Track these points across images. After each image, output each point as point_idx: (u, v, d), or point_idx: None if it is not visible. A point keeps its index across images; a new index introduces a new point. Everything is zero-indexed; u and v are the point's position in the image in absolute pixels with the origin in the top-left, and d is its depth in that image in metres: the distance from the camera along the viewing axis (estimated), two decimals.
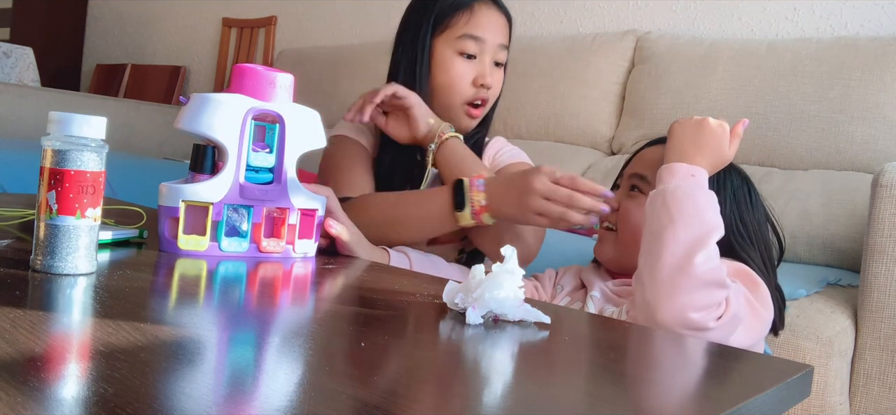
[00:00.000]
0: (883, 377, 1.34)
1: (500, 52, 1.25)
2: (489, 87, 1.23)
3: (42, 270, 0.68)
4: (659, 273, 0.96)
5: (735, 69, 2.06)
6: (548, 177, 1.03)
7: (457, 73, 1.22)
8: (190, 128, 0.84)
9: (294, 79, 0.91)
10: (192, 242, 0.85)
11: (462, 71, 1.22)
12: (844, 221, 1.67)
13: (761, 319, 1.05)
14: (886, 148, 1.80)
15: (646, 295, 0.97)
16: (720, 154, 1.08)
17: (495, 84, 1.25)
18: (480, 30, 1.21)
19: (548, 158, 2.24)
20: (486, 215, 1.06)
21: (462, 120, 1.24)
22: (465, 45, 1.21)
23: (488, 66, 1.23)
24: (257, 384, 0.46)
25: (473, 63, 1.22)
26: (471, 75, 1.22)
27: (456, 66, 1.22)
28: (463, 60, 1.22)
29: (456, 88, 1.22)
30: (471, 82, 1.22)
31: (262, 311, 0.68)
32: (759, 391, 0.54)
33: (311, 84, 2.88)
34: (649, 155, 1.29)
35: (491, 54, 1.23)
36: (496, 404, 0.49)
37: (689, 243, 0.96)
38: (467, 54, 1.22)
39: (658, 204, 1.02)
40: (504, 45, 1.25)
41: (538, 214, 1.02)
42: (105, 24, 4.57)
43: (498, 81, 1.26)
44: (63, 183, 0.68)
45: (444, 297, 0.70)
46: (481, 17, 1.22)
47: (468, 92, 1.22)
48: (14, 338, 0.48)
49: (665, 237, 0.97)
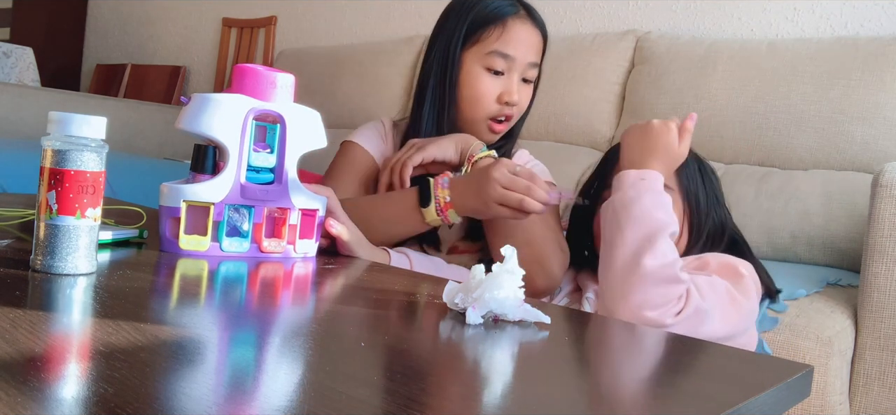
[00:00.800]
0: (883, 377, 1.34)
1: (530, 70, 1.24)
2: (514, 105, 1.22)
3: (42, 270, 0.68)
4: (612, 277, 0.99)
5: (735, 69, 2.06)
6: (507, 168, 1.04)
7: (482, 89, 1.21)
8: (191, 128, 0.84)
9: (295, 79, 0.91)
10: (193, 243, 0.85)
11: (488, 87, 1.21)
12: (844, 221, 1.67)
13: (741, 310, 1.06)
14: (886, 148, 1.80)
15: (605, 300, 1.00)
16: (671, 153, 1.10)
17: (522, 101, 1.24)
18: (510, 47, 1.20)
19: (548, 157, 2.24)
20: (452, 212, 1.08)
21: (484, 134, 1.23)
22: (494, 62, 1.20)
23: (516, 84, 1.22)
24: (257, 384, 0.46)
25: (501, 79, 1.21)
26: (496, 92, 1.21)
27: (482, 82, 1.21)
28: (490, 76, 1.21)
29: (480, 104, 1.21)
30: (496, 99, 1.21)
31: (262, 311, 0.68)
32: (759, 391, 0.54)
33: (311, 84, 2.87)
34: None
35: (519, 72, 1.22)
36: (496, 404, 0.49)
37: (637, 244, 0.98)
38: (495, 71, 1.21)
39: (610, 214, 1.05)
40: (534, 64, 1.24)
41: (498, 202, 1.03)
42: (105, 24, 4.57)
43: (525, 98, 1.25)
44: (63, 183, 0.68)
45: (444, 297, 0.70)
46: (512, 34, 1.21)
47: (492, 108, 1.22)
48: (14, 338, 0.48)
49: (616, 242, 1.00)
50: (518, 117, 1.27)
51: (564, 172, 2.23)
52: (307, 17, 3.49)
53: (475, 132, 1.22)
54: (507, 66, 1.21)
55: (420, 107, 1.24)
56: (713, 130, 2.06)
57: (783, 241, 1.72)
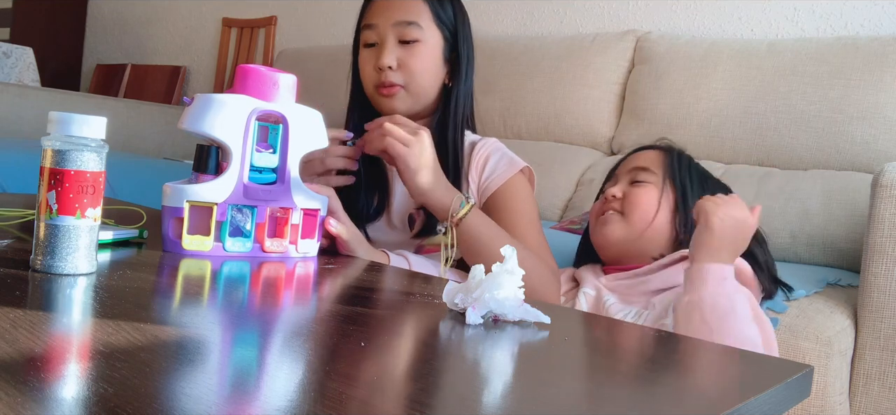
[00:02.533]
0: (883, 377, 1.34)
1: (404, 30, 1.20)
2: (386, 68, 1.19)
3: (42, 270, 0.68)
4: None
5: (735, 69, 2.06)
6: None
7: (361, 64, 1.25)
8: (194, 128, 0.84)
9: (297, 79, 0.91)
10: (196, 243, 0.85)
11: (364, 61, 1.24)
12: (844, 221, 1.67)
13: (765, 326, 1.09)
14: (886, 148, 1.80)
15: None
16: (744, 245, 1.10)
17: (405, 64, 1.20)
18: (372, 16, 1.22)
19: (548, 157, 2.24)
20: None
21: (383, 104, 1.22)
22: (364, 36, 1.23)
23: (387, 48, 1.20)
24: (258, 384, 0.46)
25: (375, 50, 1.22)
26: (372, 62, 1.22)
27: (361, 57, 1.24)
28: (366, 50, 1.23)
29: (364, 78, 1.24)
30: (373, 68, 1.22)
31: (262, 311, 0.68)
32: (759, 391, 0.54)
33: (311, 84, 2.87)
34: (648, 153, 1.39)
35: (391, 36, 1.20)
36: (496, 404, 0.49)
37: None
38: (368, 44, 1.23)
39: (696, 318, 1.01)
40: (404, 22, 1.20)
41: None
42: (105, 24, 4.57)
43: (410, 60, 1.20)
44: (63, 183, 0.68)
45: (444, 297, 0.70)
46: (373, 4, 1.24)
47: (373, 77, 1.22)
48: (14, 338, 0.48)
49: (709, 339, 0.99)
50: (411, 81, 1.21)
51: (564, 172, 2.24)
52: (307, 17, 3.49)
53: (376, 106, 1.24)
54: (376, 35, 1.22)
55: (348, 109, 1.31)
56: (713, 130, 2.06)
57: (783, 241, 1.72)
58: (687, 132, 2.12)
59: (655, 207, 1.31)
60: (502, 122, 2.44)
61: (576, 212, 2.09)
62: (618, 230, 1.31)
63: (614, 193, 1.34)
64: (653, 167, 1.34)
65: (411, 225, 1.22)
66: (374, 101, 1.24)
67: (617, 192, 1.34)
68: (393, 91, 1.21)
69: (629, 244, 1.31)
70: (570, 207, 2.17)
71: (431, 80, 1.23)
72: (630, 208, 1.31)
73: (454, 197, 1.09)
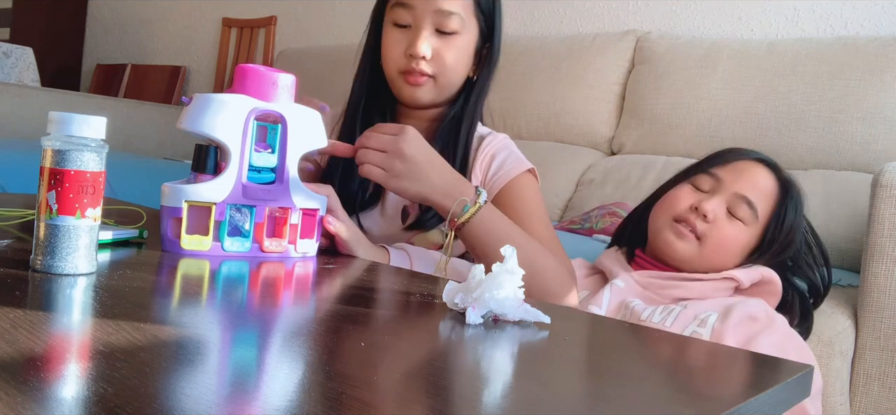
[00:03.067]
0: (883, 377, 1.34)
1: (444, 19, 1.13)
2: (420, 57, 1.12)
3: (42, 270, 0.68)
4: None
5: (735, 69, 2.06)
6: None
7: (388, 43, 1.16)
8: (192, 128, 0.84)
9: (296, 79, 0.91)
10: (194, 242, 0.85)
11: (393, 41, 1.15)
12: (844, 221, 1.67)
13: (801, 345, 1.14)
14: (886, 148, 1.80)
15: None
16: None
17: (442, 55, 1.14)
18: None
19: (548, 157, 2.24)
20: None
21: (404, 90, 1.16)
22: (397, 15, 1.14)
23: (423, 35, 1.12)
24: (258, 384, 0.46)
25: (407, 32, 1.14)
26: (403, 45, 1.14)
27: (389, 36, 1.16)
28: (397, 30, 1.15)
29: (389, 58, 1.16)
30: (403, 52, 1.14)
31: (262, 311, 0.68)
32: (759, 391, 0.54)
33: (311, 84, 2.88)
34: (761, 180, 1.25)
35: (428, 22, 1.12)
36: (496, 404, 0.49)
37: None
38: (400, 24, 1.14)
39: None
40: (445, 11, 1.12)
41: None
42: (105, 24, 4.57)
43: (445, 52, 1.14)
44: (63, 183, 0.68)
45: (444, 297, 0.70)
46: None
47: (400, 62, 1.14)
48: (14, 338, 0.48)
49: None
50: (446, 74, 1.15)
51: (564, 171, 2.24)
52: (307, 17, 3.49)
53: (395, 91, 1.18)
54: (411, 17, 1.13)
55: (355, 79, 1.22)
56: (713, 130, 2.06)
57: None
58: (687, 132, 2.12)
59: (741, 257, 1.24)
60: (502, 122, 2.44)
61: (576, 212, 2.09)
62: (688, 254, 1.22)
63: (707, 211, 1.21)
64: (760, 203, 1.23)
65: (404, 218, 1.19)
66: (394, 85, 1.18)
67: (709, 211, 1.21)
68: (420, 80, 1.14)
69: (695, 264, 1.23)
70: (569, 207, 2.17)
71: (461, 73, 1.18)
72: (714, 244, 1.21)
73: (457, 198, 1.00)
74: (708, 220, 1.20)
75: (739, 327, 1.11)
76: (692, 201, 1.23)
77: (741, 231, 1.22)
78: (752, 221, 1.22)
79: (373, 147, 0.97)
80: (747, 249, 1.24)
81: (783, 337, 1.12)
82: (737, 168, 1.25)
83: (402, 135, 0.97)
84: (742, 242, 1.23)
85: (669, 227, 1.24)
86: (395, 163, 0.97)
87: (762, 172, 1.26)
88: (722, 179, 1.24)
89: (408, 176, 0.97)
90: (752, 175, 1.25)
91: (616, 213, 1.87)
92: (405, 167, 0.97)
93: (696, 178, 1.27)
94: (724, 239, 1.21)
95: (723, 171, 1.25)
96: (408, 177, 0.98)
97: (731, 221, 1.22)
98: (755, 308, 1.16)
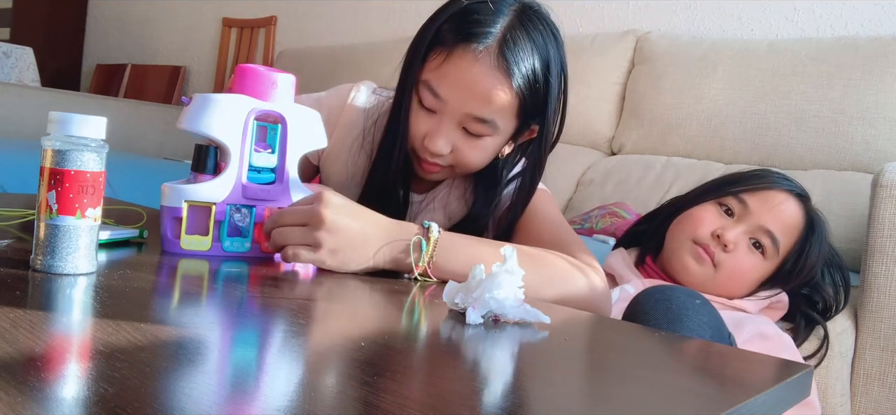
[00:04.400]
0: (883, 377, 1.34)
1: (475, 125, 0.96)
2: (435, 154, 0.98)
3: (42, 270, 0.68)
4: None
5: (735, 69, 2.06)
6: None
7: (410, 121, 0.99)
8: (192, 128, 0.84)
9: (296, 79, 0.91)
10: (194, 242, 0.85)
11: (414, 118, 0.98)
12: (844, 221, 1.67)
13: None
14: (886, 148, 1.80)
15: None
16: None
17: (459, 151, 0.98)
18: (443, 86, 0.94)
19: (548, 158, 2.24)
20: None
21: (417, 168, 1.03)
22: (423, 95, 0.97)
23: (444, 130, 0.96)
24: (257, 384, 0.46)
25: (432, 118, 0.97)
26: (423, 129, 0.98)
27: (413, 113, 0.99)
28: (421, 109, 0.98)
29: (409, 130, 1.00)
30: (421, 136, 0.98)
31: (262, 311, 0.68)
32: (759, 391, 0.54)
33: (311, 84, 2.88)
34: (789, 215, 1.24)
35: (453, 119, 0.96)
36: (496, 404, 0.49)
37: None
38: (426, 106, 0.97)
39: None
40: (480, 119, 0.95)
41: None
42: (105, 24, 4.57)
43: (468, 153, 0.98)
44: (63, 183, 0.68)
45: (444, 297, 0.70)
46: (452, 68, 0.93)
47: (417, 143, 0.99)
48: (14, 338, 0.48)
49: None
50: (459, 165, 1.00)
51: (564, 171, 2.24)
52: (307, 17, 3.49)
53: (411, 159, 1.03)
54: (438, 107, 0.96)
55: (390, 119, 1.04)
56: (713, 130, 2.06)
57: None
58: (687, 132, 2.12)
59: (754, 286, 1.24)
60: None
61: (576, 212, 2.09)
62: (701, 277, 1.22)
63: (728, 241, 1.20)
64: (784, 238, 1.22)
65: None
66: (411, 155, 1.02)
67: (730, 241, 1.20)
68: (433, 169, 1.01)
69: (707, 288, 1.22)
70: (569, 208, 2.17)
71: (486, 162, 1.02)
72: (729, 271, 1.21)
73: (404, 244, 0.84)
74: (728, 250, 1.21)
75: (750, 344, 1.12)
76: (715, 227, 1.23)
77: (759, 263, 1.23)
78: (772, 255, 1.23)
79: (288, 224, 0.82)
80: (762, 279, 1.25)
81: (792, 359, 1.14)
82: (766, 199, 1.24)
83: (317, 201, 0.81)
84: (758, 273, 1.24)
85: (689, 249, 1.24)
86: (320, 235, 0.80)
87: (791, 205, 1.25)
88: (749, 208, 1.23)
89: (343, 246, 0.81)
90: (781, 210, 1.23)
91: (616, 213, 1.87)
92: (334, 237, 0.81)
93: (723, 199, 1.26)
94: (740, 268, 1.22)
95: (752, 198, 1.24)
96: (343, 247, 0.81)
97: (750, 251, 1.23)
98: (765, 327, 1.17)
